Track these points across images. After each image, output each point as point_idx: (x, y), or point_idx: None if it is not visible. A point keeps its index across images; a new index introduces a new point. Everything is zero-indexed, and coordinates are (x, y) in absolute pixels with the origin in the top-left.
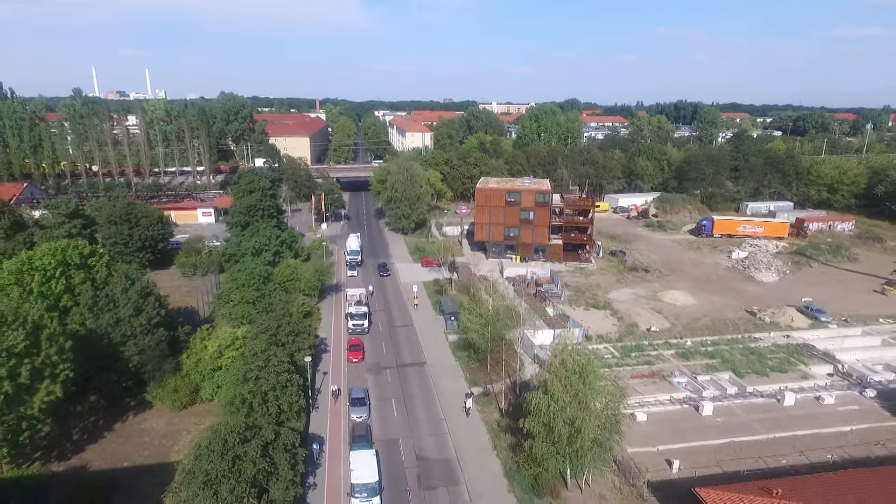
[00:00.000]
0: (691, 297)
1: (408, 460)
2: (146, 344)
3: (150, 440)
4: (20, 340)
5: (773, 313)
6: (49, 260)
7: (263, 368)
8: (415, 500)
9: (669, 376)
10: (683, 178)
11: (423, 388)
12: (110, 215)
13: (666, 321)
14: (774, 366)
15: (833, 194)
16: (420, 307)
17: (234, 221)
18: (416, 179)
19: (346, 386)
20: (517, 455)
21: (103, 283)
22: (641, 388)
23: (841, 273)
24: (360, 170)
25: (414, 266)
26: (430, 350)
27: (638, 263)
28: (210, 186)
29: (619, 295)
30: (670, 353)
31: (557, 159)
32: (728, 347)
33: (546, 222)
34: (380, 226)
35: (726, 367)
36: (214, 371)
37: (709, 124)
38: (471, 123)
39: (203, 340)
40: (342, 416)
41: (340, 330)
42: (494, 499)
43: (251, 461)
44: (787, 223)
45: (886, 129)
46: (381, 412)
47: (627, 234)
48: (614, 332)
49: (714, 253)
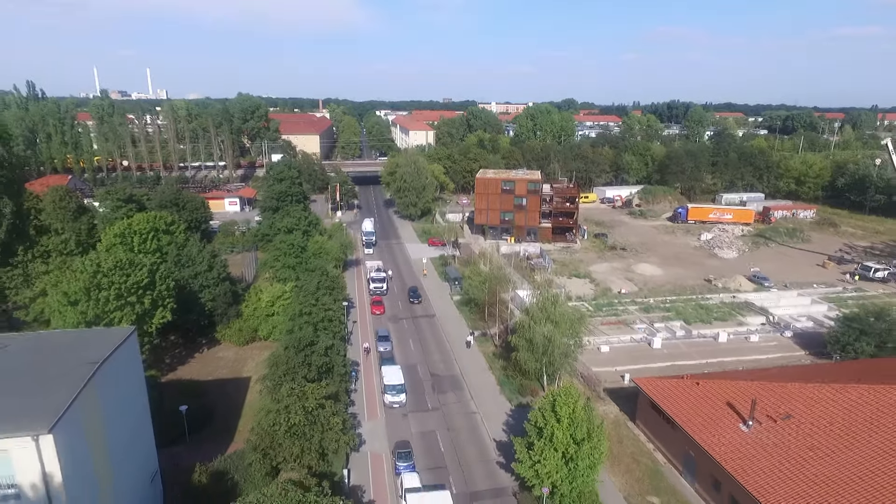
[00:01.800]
0: (659, 269)
1: (424, 376)
2: (216, 293)
3: (223, 364)
4: (144, 277)
5: (725, 280)
6: (144, 225)
7: (315, 305)
8: (430, 399)
9: (632, 324)
10: (665, 171)
11: (433, 332)
12: (161, 199)
13: (635, 286)
14: (718, 317)
15: (800, 186)
16: (428, 276)
17: (266, 206)
18: (423, 172)
19: (372, 328)
20: (506, 371)
21: (182, 245)
22: (608, 332)
23: (793, 251)
24: (367, 165)
25: (421, 246)
26: (438, 306)
27: (617, 244)
28: (233, 179)
29: (598, 268)
30: (635, 308)
31: (550, 154)
32: (683, 304)
33: (537, 208)
34: (389, 214)
35: (679, 318)
36: (268, 317)
37: (695, 123)
38: (471, 122)
39: (257, 294)
40: (372, 363)
41: (363, 293)
42: (490, 398)
43: (318, 355)
44: (752, 210)
45: (874, 127)
46: (401, 347)
47: (611, 220)
48: (591, 294)
49: (686, 236)
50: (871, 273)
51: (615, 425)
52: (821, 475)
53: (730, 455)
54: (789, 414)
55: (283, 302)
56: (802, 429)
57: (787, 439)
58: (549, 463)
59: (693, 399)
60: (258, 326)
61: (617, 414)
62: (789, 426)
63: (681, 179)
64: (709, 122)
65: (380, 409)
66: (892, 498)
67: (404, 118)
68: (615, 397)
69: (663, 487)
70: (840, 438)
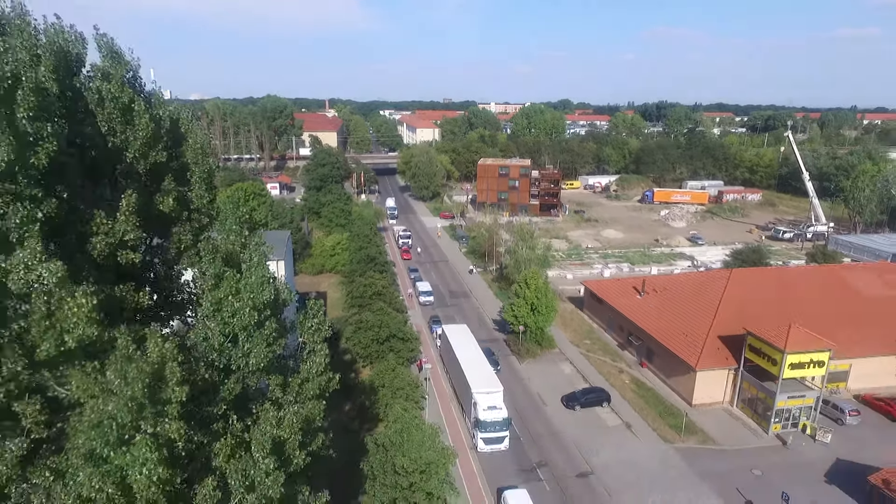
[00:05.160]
0: (621, 234)
1: (444, 290)
2: (296, 238)
3: (303, 286)
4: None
5: (669, 240)
6: (241, 193)
7: (370, 243)
8: (449, 301)
9: (591, 264)
10: (640, 162)
11: (448, 268)
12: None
13: (599, 244)
14: (656, 261)
15: (753, 174)
16: (442, 238)
17: (311, 185)
18: (433, 161)
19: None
20: (500, 286)
21: (272, 203)
22: (573, 268)
23: (732, 223)
24: (380, 158)
25: (434, 218)
26: (450, 254)
27: (591, 217)
28: (269, 169)
29: (573, 233)
30: (596, 256)
31: (541, 148)
32: (632, 254)
33: (527, 189)
34: (405, 196)
35: (627, 262)
36: (331, 256)
37: (675, 122)
38: (471, 121)
39: (321, 241)
40: (409, 282)
41: (394, 248)
42: (488, 301)
43: (378, 263)
44: (707, 193)
45: (854, 126)
46: (426, 276)
47: (591, 202)
48: (565, 248)
49: (649, 213)
50: (780, 234)
51: (571, 312)
52: (670, 314)
53: (628, 309)
54: (665, 289)
55: (342, 246)
56: (666, 294)
57: (658, 300)
58: (522, 310)
59: (615, 288)
60: (325, 262)
61: (573, 308)
62: (660, 295)
63: (652, 169)
64: (694, 120)
65: (417, 305)
66: (692, 321)
67: (410, 117)
68: (573, 301)
69: (593, 337)
70: (682, 298)
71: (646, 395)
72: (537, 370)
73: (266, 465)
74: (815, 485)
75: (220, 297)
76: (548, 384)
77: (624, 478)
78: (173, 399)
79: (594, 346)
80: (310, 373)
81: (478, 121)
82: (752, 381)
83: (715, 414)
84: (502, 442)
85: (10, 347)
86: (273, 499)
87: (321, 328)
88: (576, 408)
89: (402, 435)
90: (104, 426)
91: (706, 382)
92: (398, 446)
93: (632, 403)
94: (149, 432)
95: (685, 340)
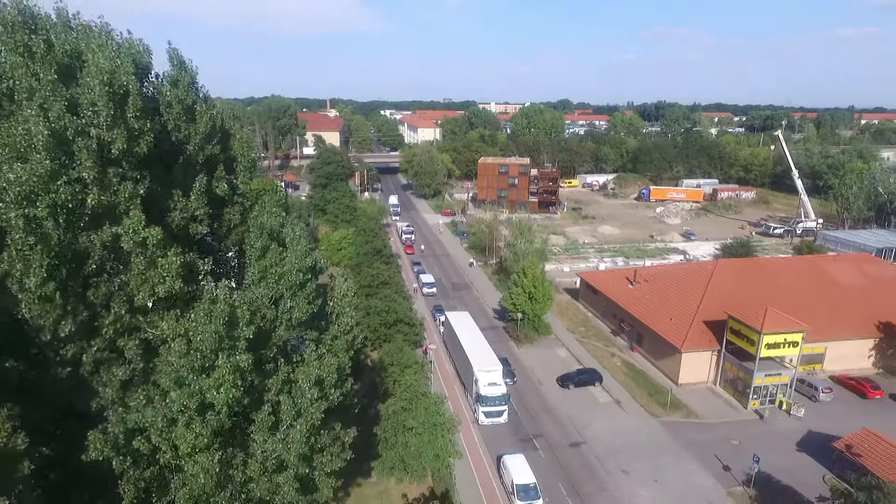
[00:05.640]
0: (617, 230)
1: (447, 282)
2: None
3: None
4: None
5: (663, 235)
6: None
7: (375, 237)
8: (451, 293)
9: (588, 258)
10: (637, 161)
11: (450, 262)
12: None
13: (595, 239)
14: (650, 255)
15: (748, 173)
16: (444, 234)
17: (317, 183)
18: (435, 160)
19: (408, 261)
20: (499, 278)
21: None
22: (571, 262)
23: (725, 219)
24: (382, 157)
25: (436, 215)
26: (451, 249)
27: (588, 214)
28: (274, 168)
29: (571, 230)
30: (592, 250)
31: (540, 147)
32: (627, 248)
33: (526, 186)
34: (407, 195)
35: (622, 256)
36: (338, 250)
37: (672, 122)
38: (472, 121)
39: (328, 236)
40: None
41: (397, 242)
42: (488, 292)
43: (384, 255)
44: (702, 191)
45: (850, 126)
46: (429, 269)
47: (588, 199)
48: (563, 243)
49: (645, 210)
50: (771, 230)
51: (567, 303)
52: (659, 301)
53: (621, 298)
54: (655, 278)
55: (348, 241)
56: (655, 284)
57: (648, 289)
58: (520, 298)
59: (608, 278)
60: (332, 256)
61: (569, 299)
62: (650, 284)
63: (649, 168)
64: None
65: (420, 296)
66: (679, 307)
67: (411, 117)
68: (569, 293)
69: (588, 324)
70: (670, 287)
71: (635, 375)
72: (534, 354)
73: (311, 395)
74: (788, 452)
75: (266, 266)
76: (544, 366)
77: (613, 446)
78: (242, 336)
79: (588, 332)
80: (339, 331)
81: (478, 120)
82: (733, 362)
83: (699, 392)
84: (502, 415)
85: (117, 295)
86: (315, 425)
87: (347, 295)
88: (570, 387)
89: (411, 402)
90: (191, 356)
91: (691, 363)
92: (408, 412)
93: (622, 383)
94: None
95: (672, 325)
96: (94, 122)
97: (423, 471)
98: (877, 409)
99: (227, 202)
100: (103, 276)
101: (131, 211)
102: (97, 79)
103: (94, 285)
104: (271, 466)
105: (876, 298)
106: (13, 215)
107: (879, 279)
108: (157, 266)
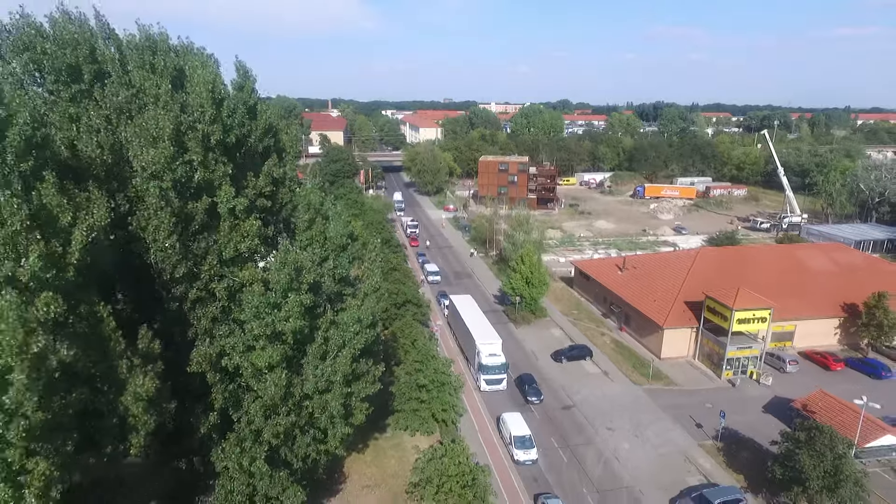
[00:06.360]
0: (612, 225)
1: (449, 271)
2: None
3: None
4: None
5: (655, 230)
6: None
7: (383, 230)
8: (455, 281)
9: (583, 251)
10: (633, 160)
11: (452, 254)
12: None
13: (591, 233)
14: (641, 248)
15: (740, 171)
16: (446, 228)
17: (324, 180)
18: (437, 158)
19: (413, 252)
20: (499, 267)
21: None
22: (567, 253)
23: (716, 215)
24: (385, 156)
25: (438, 211)
26: (454, 242)
27: (585, 210)
28: None
29: (568, 225)
30: (587, 243)
31: (539, 146)
32: (621, 242)
33: (525, 183)
34: (410, 192)
35: (615, 248)
36: None
37: (669, 121)
38: (472, 121)
39: None
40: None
41: (402, 235)
42: (488, 280)
43: (392, 246)
44: (695, 188)
45: (846, 126)
46: (434, 260)
47: (585, 196)
48: (560, 236)
49: (639, 206)
50: (758, 225)
51: (562, 290)
52: (645, 285)
53: (611, 283)
54: (643, 265)
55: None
56: (640, 270)
57: (636, 275)
58: (518, 283)
59: (600, 266)
60: None
61: (564, 286)
62: (638, 270)
63: (645, 166)
64: (690, 120)
65: (426, 284)
66: (662, 290)
67: (413, 117)
68: (565, 281)
69: (581, 308)
70: (656, 273)
71: (622, 351)
72: (531, 333)
73: (354, 329)
74: (755, 413)
75: (312, 234)
76: (540, 344)
77: (599, 408)
78: (305, 281)
79: (581, 315)
80: (369, 287)
81: (479, 120)
82: (709, 337)
83: (679, 365)
84: (501, 383)
85: (212, 249)
86: (355, 355)
87: (376, 259)
88: (563, 360)
89: (423, 364)
90: (267, 295)
91: (672, 339)
92: (420, 372)
93: (610, 357)
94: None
95: (656, 305)
96: (200, 119)
97: (432, 424)
98: (836, 379)
99: (280, 183)
100: (203, 233)
101: (223, 186)
102: (204, 88)
103: (196, 240)
104: (322, 386)
105: (843, 283)
106: (150, 186)
107: (848, 266)
108: (241, 228)
